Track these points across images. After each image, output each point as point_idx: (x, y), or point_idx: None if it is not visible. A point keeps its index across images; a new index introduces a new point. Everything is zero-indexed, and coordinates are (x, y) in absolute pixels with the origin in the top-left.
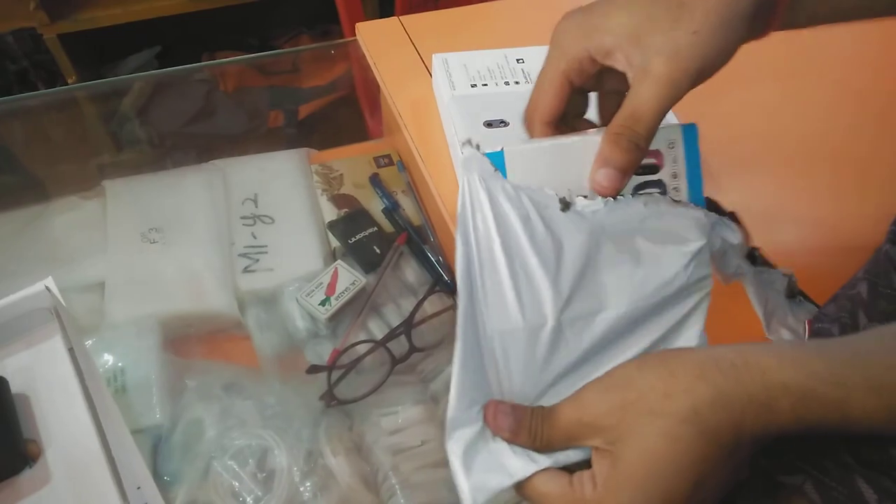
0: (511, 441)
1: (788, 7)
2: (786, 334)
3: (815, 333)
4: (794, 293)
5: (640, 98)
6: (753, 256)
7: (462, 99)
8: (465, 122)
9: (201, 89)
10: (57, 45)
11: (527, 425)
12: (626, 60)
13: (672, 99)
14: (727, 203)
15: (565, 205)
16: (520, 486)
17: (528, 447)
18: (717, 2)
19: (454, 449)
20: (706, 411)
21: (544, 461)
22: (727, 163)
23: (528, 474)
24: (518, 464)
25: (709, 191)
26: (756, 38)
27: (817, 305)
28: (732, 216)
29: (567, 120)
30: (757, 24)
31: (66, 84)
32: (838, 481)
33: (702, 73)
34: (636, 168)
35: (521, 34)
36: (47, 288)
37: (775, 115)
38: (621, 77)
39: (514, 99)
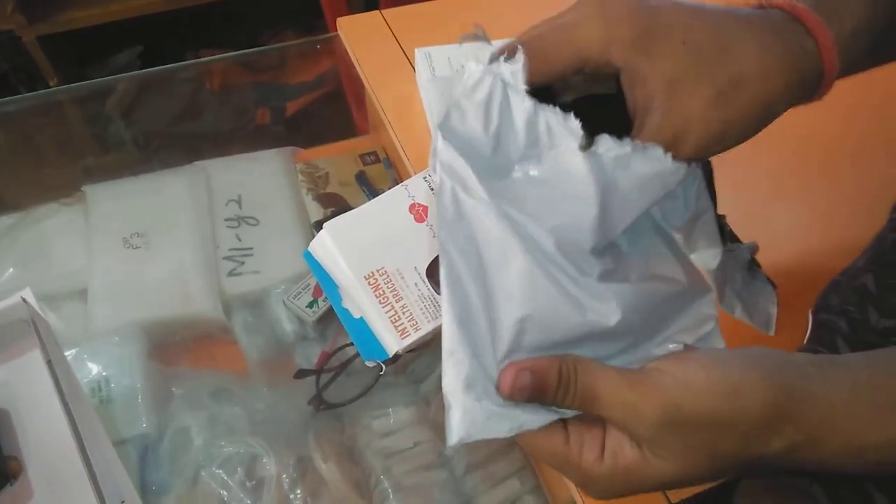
0: (535, 400)
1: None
2: (739, 310)
3: (819, 325)
4: (753, 265)
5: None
6: (723, 230)
7: (438, 80)
8: (441, 103)
9: (187, 88)
10: (37, 47)
11: (554, 381)
12: (646, 97)
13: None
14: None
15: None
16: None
17: (558, 405)
18: (759, 78)
19: (449, 373)
20: (766, 460)
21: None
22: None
23: (545, 423)
24: (533, 415)
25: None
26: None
27: (772, 283)
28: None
29: None
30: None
31: (48, 86)
32: (849, 488)
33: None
34: None
35: (505, 25)
36: (24, 300)
37: None
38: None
39: None
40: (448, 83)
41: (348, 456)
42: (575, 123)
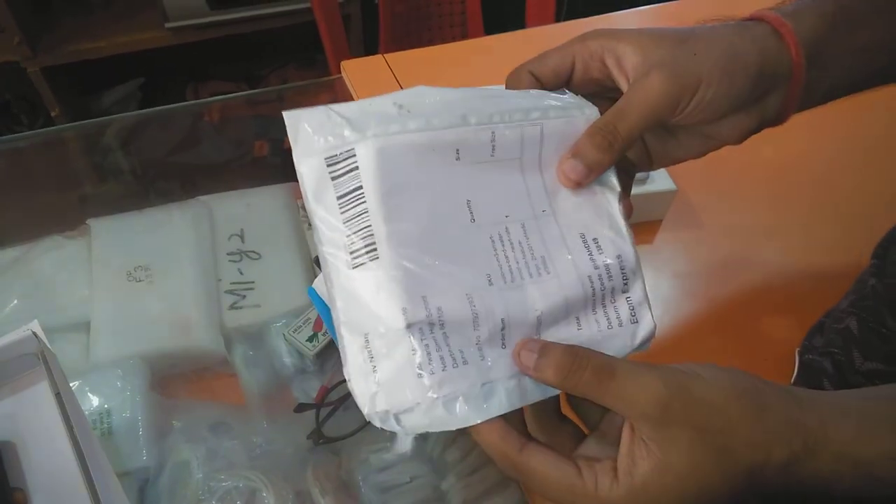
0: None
1: (804, 87)
2: None
3: (805, 366)
4: None
5: (630, 100)
6: None
7: None
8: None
9: (186, 119)
10: (40, 77)
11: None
12: (629, 67)
13: (661, 108)
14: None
15: None
16: (502, 454)
17: (554, 384)
18: (722, 41)
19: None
20: (768, 475)
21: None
22: (707, 192)
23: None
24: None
25: (693, 221)
26: (774, 120)
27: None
28: None
29: None
30: (768, 93)
31: (49, 116)
32: None
33: (697, 93)
34: (606, 169)
35: (502, 71)
36: (33, 333)
37: (754, 145)
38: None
39: None
40: None
41: (346, 490)
42: None
